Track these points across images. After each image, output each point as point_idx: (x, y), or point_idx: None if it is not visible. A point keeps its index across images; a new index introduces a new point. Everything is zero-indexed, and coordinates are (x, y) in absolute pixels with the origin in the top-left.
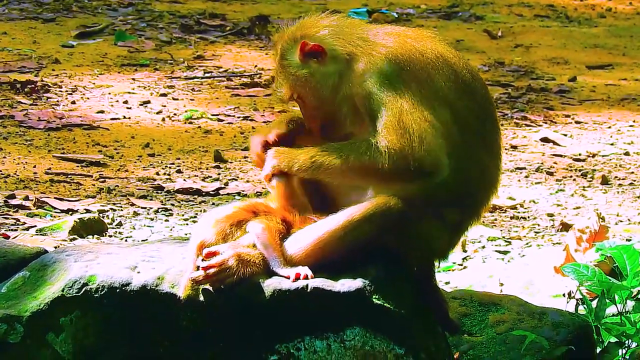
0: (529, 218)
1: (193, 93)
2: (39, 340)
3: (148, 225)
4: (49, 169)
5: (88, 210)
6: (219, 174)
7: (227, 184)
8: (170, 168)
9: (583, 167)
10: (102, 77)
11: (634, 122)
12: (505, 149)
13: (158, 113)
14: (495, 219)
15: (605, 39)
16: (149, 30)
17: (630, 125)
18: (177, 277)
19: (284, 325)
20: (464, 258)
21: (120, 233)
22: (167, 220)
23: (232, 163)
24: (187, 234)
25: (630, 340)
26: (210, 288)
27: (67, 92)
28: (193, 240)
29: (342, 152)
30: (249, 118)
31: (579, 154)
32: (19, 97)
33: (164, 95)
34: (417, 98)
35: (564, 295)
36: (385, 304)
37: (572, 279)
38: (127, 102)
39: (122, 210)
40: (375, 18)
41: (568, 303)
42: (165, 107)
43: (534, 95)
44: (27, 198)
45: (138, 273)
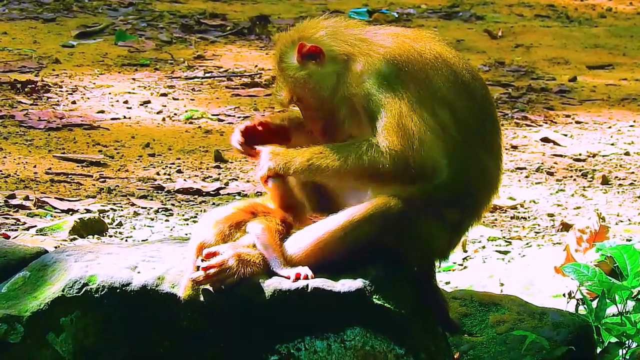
0: (530, 218)
1: (193, 93)
2: (39, 340)
3: (148, 225)
4: (50, 169)
5: (88, 210)
6: (219, 174)
7: (227, 184)
8: (171, 168)
9: (583, 167)
10: (102, 77)
11: (635, 122)
12: (506, 149)
13: (158, 113)
14: (496, 219)
15: (606, 39)
16: (150, 30)
17: (631, 125)
18: (177, 277)
19: (285, 326)
20: (465, 258)
21: (121, 233)
22: (167, 220)
23: (232, 163)
24: (187, 234)
25: (631, 341)
26: (211, 288)
27: (67, 92)
28: (193, 241)
29: (340, 153)
30: (250, 118)
31: (580, 154)
32: (20, 97)
33: (165, 95)
34: (415, 99)
35: (564, 296)
36: (386, 304)
37: (572, 279)
38: (127, 102)
39: (122, 210)
40: (376, 18)
41: (568, 303)
42: (166, 107)
43: (535, 95)
44: (27, 198)
45: (138, 273)
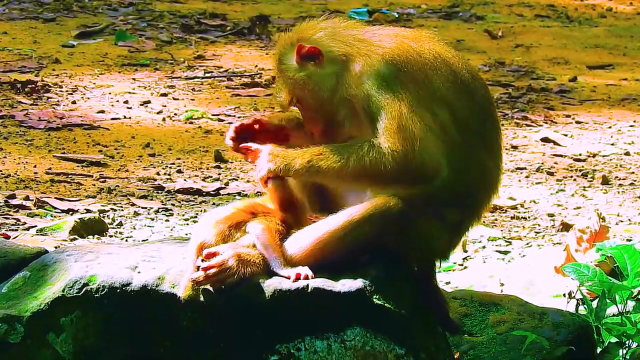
0: (530, 218)
1: (193, 93)
2: (40, 341)
3: (148, 225)
4: (50, 169)
5: (88, 210)
6: (220, 174)
7: (227, 184)
8: (171, 168)
9: (583, 167)
10: (102, 77)
11: (635, 122)
12: (506, 149)
13: (158, 113)
14: (496, 219)
15: (606, 39)
16: (150, 30)
17: (631, 125)
18: (177, 277)
19: (285, 326)
20: (465, 258)
21: (121, 233)
22: (167, 220)
23: (232, 163)
24: (187, 234)
25: (631, 341)
26: (211, 288)
27: (67, 92)
28: (193, 241)
29: (341, 154)
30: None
31: (580, 154)
32: (20, 97)
33: (165, 95)
34: (415, 100)
35: (565, 296)
36: (386, 304)
37: (572, 279)
38: (127, 102)
39: (122, 210)
40: (376, 18)
41: (568, 303)
42: (166, 107)
43: (535, 95)
44: (27, 198)
45: (138, 273)
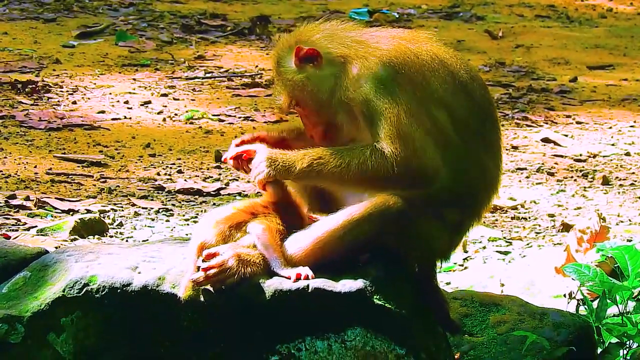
0: (530, 218)
1: (194, 93)
2: (40, 341)
3: (149, 226)
4: (50, 169)
5: (89, 211)
6: (220, 175)
7: (228, 185)
8: (171, 168)
9: (584, 167)
10: (103, 77)
11: (635, 122)
12: (506, 150)
13: (159, 113)
14: (496, 220)
15: (606, 40)
16: (150, 31)
17: (631, 126)
18: (178, 277)
19: (285, 326)
20: (465, 258)
21: (121, 233)
22: (167, 221)
23: None
24: (188, 235)
25: (632, 341)
26: (211, 289)
27: (68, 92)
28: (193, 241)
29: (342, 158)
30: (250, 118)
31: (580, 155)
32: (20, 97)
33: (165, 96)
34: (413, 102)
35: (565, 296)
36: (386, 305)
37: (573, 280)
38: (128, 102)
39: (123, 211)
40: (376, 18)
41: (569, 303)
42: (166, 107)
43: (535, 96)
44: (28, 198)
45: (139, 273)
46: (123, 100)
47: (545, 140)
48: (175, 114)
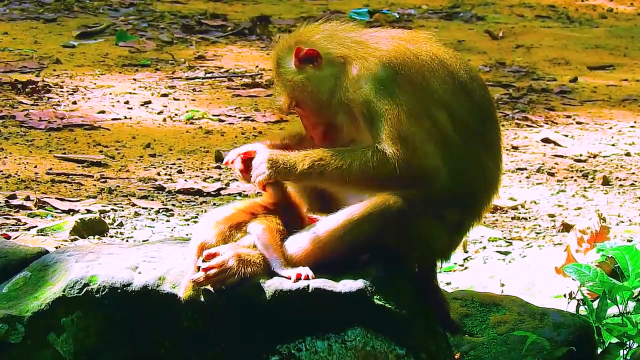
0: (530, 219)
1: (194, 93)
2: (40, 341)
3: (149, 226)
4: (50, 169)
5: (89, 211)
6: (220, 175)
7: (228, 185)
8: (172, 168)
9: (584, 167)
10: (103, 77)
11: (635, 122)
12: (507, 150)
13: (159, 113)
14: (496, 220)
15: (606, 40)
16: (150, 31)
17: (631, 126)
18: (178, 277)
19: (285, 326)
20: (465, 259)
21: (121, 233)
22: (168, 221)
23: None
24: (188, 235)
25: (632, 341)
26: (211, 289)
27: (68, 92)
28: (194, 241)
29: (344, 159)
30: (250, 118)
31: (580, 155)
32: (20, 97)
33: (165, 96)
34: (413, 102)
35: (565, 296)
36: (386, 305)
37: (573, 280)
38: (128, 102)
39: (123, 211)
40: (377, 18)
41: (569, 304)
42: (167, 107)
43: (535, 96)
44: (28, 198)
45: (139, 273)
46: (123, 101)
47: (546, 141)
48: (176, 114)
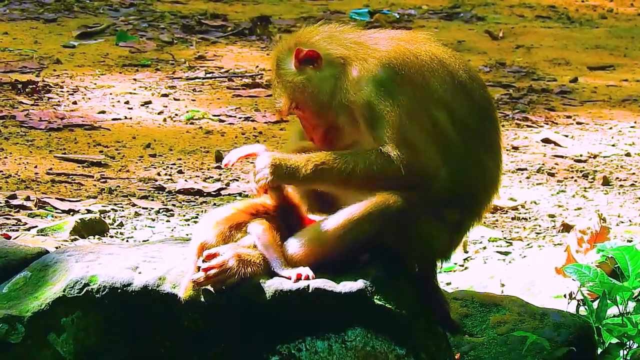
0: (530, 219)
1: (194, 93)
2: (40, 341)
3: (149, 226)
4: (50, 169)
5: (89, 211)
6: (220, 175)
7: (228, 185)
8: (172, 168)
9: (584, 168)
10: (103, 77)
11: (635, 123)
12: (507, 150)
13: (159, 113)
14: (497, 220)
15: (607, 40)
16: (151, 31)
17: (632, 126)
18: (178, 277)
19: (285, 326)
20: (465, 259)
21: (122, 233)
22: (168, 221)
23: None
24: (188, 235)
25: (632, 342)
26: (212, 289)
27: (68, 92)
28: (194, 242)
29: (347, 162)
30: (251, 119)
31: (580, 155)
32: (20, 97)
33: (166, 96)
34: (414, 103)
35: (565, 296)
36: (387, 305)
37: (573, 280)
38: (128, 102)
39: (123, 211)
40: (377, 19)
41: (569, 304)
42: (167, 107)
43: (535, 96)
44: (28, 198)
45: (139, 273)
46: (123, 101)
47: (546, 141)
48: (176, 114)
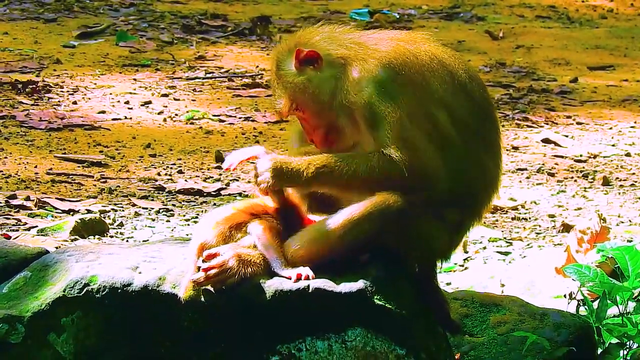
0: (530, 219)
1: (194, 93)
2: (40, 341)
3: (149, 226)
4: (50, 169)
5: (89, 211)
6: (220, 175)
7: (228, 185)
8: (172, 168)
9: (584, 168)
10: (103, 77)
11: (635, 123)
12: (507, 150)
13: (159, 113)
14: (497, 220)
15: (607, 40)
16: (151, 31)
17: (632, 127)
18: (178, 277)
19: (286, 326)
20: (465, 259)
21: (122, 233)
22: (168, 221)
23: None
24: (188, 235)
25: (632, 342)
26: (212, 289)
27: (68, 92)
28: (194, 242)
29: (349, 165)
30: (251, 119)
31: (580, 155)
32: (21, 97)
33: (166, 96)
34: (414, 103)
35: (565, 296)
36: (387, 305)
37: (573, 280)
38: (128, 102)
39: (123, 211)
40: (377, 19)
41: (569, 304)
42: (167, 107)
43: (535, 96)
44: (28, 198)
45: (139, 273)
46: (124, 101)
47: (546, 141)
48: (176, 114)
